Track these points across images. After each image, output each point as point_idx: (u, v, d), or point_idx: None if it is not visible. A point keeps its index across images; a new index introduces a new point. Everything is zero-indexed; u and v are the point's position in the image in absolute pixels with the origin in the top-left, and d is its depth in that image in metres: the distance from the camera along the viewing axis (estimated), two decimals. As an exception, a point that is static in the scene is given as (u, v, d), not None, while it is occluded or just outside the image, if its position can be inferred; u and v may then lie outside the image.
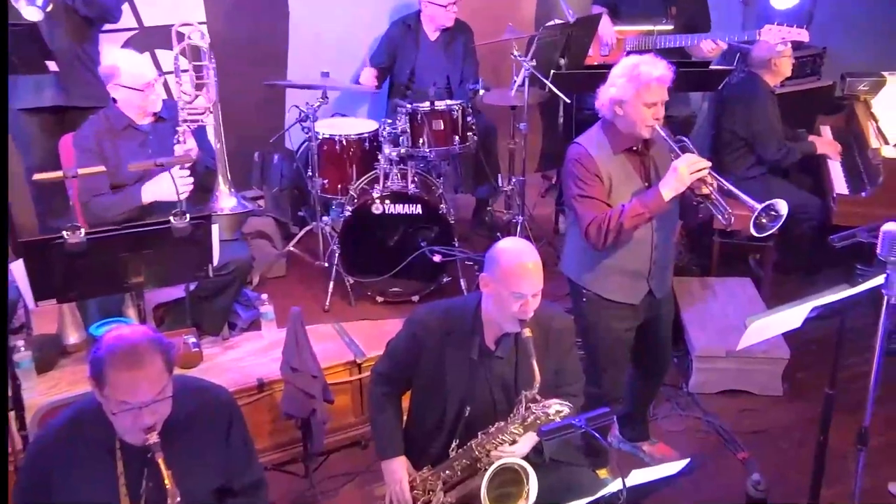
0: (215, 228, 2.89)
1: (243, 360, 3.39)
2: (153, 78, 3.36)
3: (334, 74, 4.33)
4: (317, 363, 3.02)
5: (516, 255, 2.31)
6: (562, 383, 2.48)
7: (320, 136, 4.24)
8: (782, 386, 3.66)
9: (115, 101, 3.36)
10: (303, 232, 4.49)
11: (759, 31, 4.13)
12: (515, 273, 2.27)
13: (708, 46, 4.34)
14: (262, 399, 3.19)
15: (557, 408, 2.31)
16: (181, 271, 2.85)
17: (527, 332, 2.28)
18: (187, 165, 3.20)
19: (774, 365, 3.63)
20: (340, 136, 4.26)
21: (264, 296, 3.66)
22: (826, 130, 4.70)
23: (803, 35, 4.08)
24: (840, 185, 4.09)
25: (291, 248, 4.44)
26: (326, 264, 4.24)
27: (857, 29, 5.43)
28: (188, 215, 2.69)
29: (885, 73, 4.59)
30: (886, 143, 3.94)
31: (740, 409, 3.58)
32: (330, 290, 4.10)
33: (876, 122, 4.21)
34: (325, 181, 4.27)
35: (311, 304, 4.06)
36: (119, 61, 3.32)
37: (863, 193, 3.89)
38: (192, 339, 3.25)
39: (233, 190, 3.39)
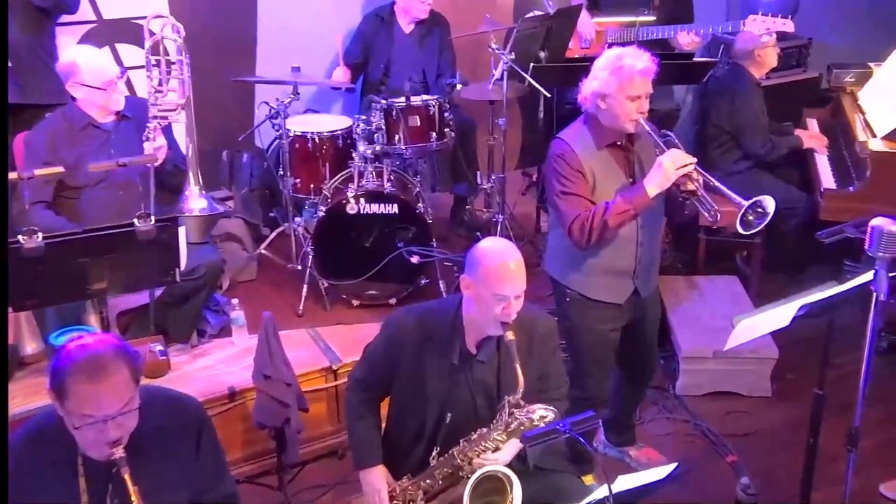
0: (182, 231, 2.88)
1: (213, 368, 3.37)
2: (115, 75, 3.32)
3: (306, 69, 4.32)
4: (291, 370, 3.01)
5: (498, 255, 2.32)
6: (546, 388, 2.50)
7: (292, 134, 4.23)
8: (771, 387, 3.71)
9: (74, 99, 3.32)
10: (274, 234, 4.47)
11: (744, 22, 4.18)
12: (497, 274, 2.28)
13: (686, 39, 4.39)
14: (233, 409, 3.18)
15: (541, 413, 2.32)
16: (147, 276, 2.83)
17: (510, 336, 2.30)
18: (156, 165, 3.17)
19: (763, 365, 3.68)
20: (313, 133, 4.26)
21: (235, 301, 3.64)
22: (812, 123, 4.77)
23: (788, 25, 4.14)
24: (827, 179, 4.16)
25: (263, 251, 4.42)
26: (300, 267, 4.23)
27: (843, 19, 5.52)
28: (153, 217, 2.67)
29: (872, 64, 4.67)
30: (874, 135, 4.00)
31: (728, 412, 3.63)
32: (304, 293, 4.09)
33: (863, 114, 4.28)
34: (297, 180, 4.26)
35: (284, 308, 4.05)
36: (78, 58, 3.28)
37: (850, 188, 3.95)
38: (159, 348, 3.23)
39: (203, 191, 3.38)
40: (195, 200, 3.33)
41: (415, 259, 3.96)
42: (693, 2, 4.77)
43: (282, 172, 4.25)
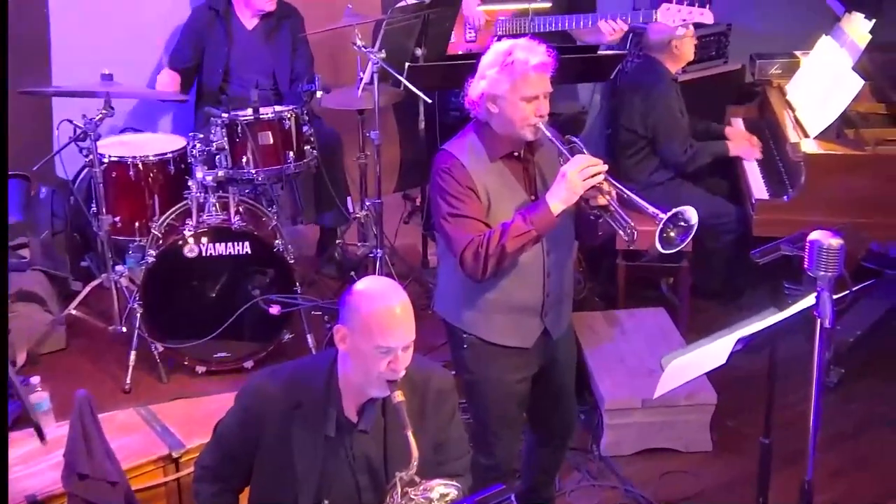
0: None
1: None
2: None
3: (120, 77, 4.23)
4: (116, 464, 2.91)
5: (379, 298, 2.33)
6: (444, 459, 2.51)
7: (106, 160, 4.15)
8: (711, 438, 3.85)
9: None
10: (88, 288, 4.37)
11: (657, 12, 4.40)
12: (379, 322, 2.29)
13: (608, 28, 4.52)
14: (36, 526, 3.03)
15: (442, 490, 2.33)
16: None
17: (398, 397, 2.30)
18: None
19: (700, 413, 3.82)
20: (134, 157, 4.19)
21: (35, 379, 3.49)
22: (738, 123, 5.04)
23: (707, 16, 4.39)
24: (759, 188, 4.39)
25: (73, 312, 4.29)
26: (124, 329, 4.15)
27: (764, 1, 5.90)
28: None
29: (798, 53, 5.00)
30: (806, 135, 4.26)
31: (664, 472, 3.73)
32: (131, 362, 4.01)
33: (792, 111, 4.55)
34: (117, 219, 4.18)
35: (105, 384, 3.97)
36: None
37: (784, 197, 4.19)
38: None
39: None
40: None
41: (274, 310, 3.92)
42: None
43: (95, 209, 4.15)
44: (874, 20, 4.29)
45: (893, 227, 4.09)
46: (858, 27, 4.34)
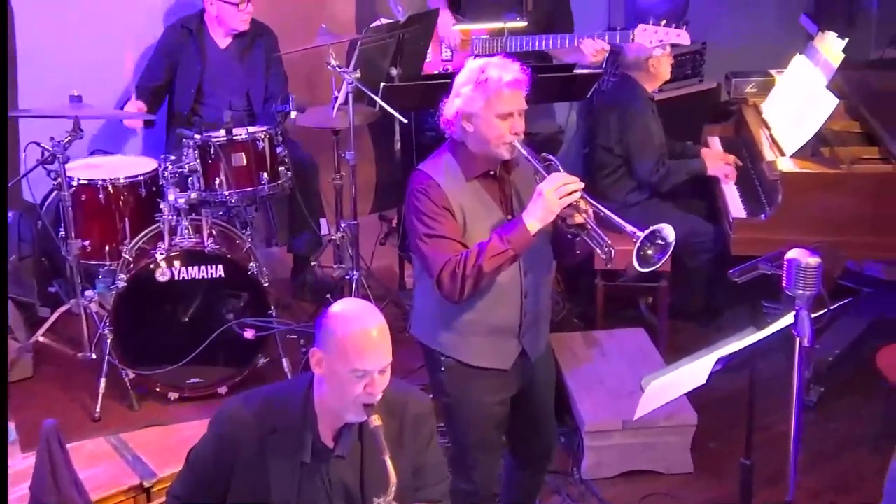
0: None
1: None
2: None
3: (90, 98, 4.21)
4: (84, 495, 2.89)
5: (355, 320, 2.31)
6: (423, 484, 2.49)
7: (75, 183, 4.12)
8: (692, 460, 3.85)
9: None
10: (56, 314, 4.33)
11: (633, 33, 4.43)
12: (356, 344, 2.28)
13: (591, 48, 4.54)
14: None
15: (420, 516, 2.32)
16: None
17: (375, 421, 2.28)
18: None
19: (681, 435, 3.83)
20: (104, 180, 4.16)
21: None
22: (715, 142, 5.09)
23: (683, 37, 4.43)
24: (736, 207, 4.42)
25: (41, 339, 4.26)
26: (94, 356, 4.11)
27: (735, 17, 5.99)
28: None
29: (773, 72, 5.06)
30: (782, 153, 4.31)
31: (646, 495, 3.73)
32: (101, 390, 3.97)
33: (769, 129, 4.61)
34: (87, 243, 4.15)
35: (74, 412, 3.95)
36: None
37: (762, 216, 4.22)
38: None
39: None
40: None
41: (249, 334, 3.91)
42: (571, 7, 5.01)
43: (63, 233, 4.11)
44: (847, 39, 4.35)
45: (869, 246, 4.13)
46: (832, 46, 4.40)
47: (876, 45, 6.37)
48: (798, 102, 4.44)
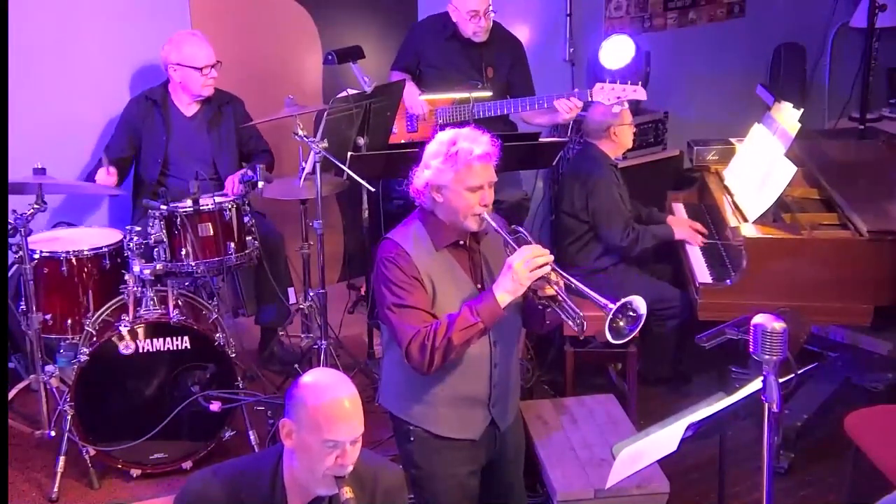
0: None
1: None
2: None
3: (54, 170, 4.20)
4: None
5: (326, 390, 2.32)
6: (395, 559, 2.48)
7: (37, 256, 4.09)
8: (666, 529, 3.85)
9: None
10: (14, 391, 4.29)
11: (591, 92, 4.55)
12: (327, 415, 2.28)
13: (565, 107, 4.61)
14: None
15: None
16: None
17: (347, 493, 2.28)
18: None
19: (653, 503, 3.82)
20: (67, 252, 4.13)
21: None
22: (679, 208, 5.19)
23: (640, 93, 4.55)
24: (702, 273, 4.49)
25: (-2, 416, 4.17)
26: (52, 433, 4.04)
27: (694, 89, 6.17)
28: None
29: (733, 140, 5.20)
30: (745, 219, 4.41)
31: (620, 566, 3.72)
32: (59, 469, 3.90)
33: (731, 195, 4.71)
34: (48, 316, 4.11)
35: (30, 493, 3.87)
36: None
37: (727, 281, 4.29)
38: None
39: None
40: None
41: (215, 406, 3.86)
42: (532, 74, 5.13)
43: (24, 307, 4.07)
44: (801, 109, 4.49)
45: (832, 311, 4.19)
46: (788, 116, 4.53)
47: (829, 115, 6.61)
48: (758, 170, 4.55)
